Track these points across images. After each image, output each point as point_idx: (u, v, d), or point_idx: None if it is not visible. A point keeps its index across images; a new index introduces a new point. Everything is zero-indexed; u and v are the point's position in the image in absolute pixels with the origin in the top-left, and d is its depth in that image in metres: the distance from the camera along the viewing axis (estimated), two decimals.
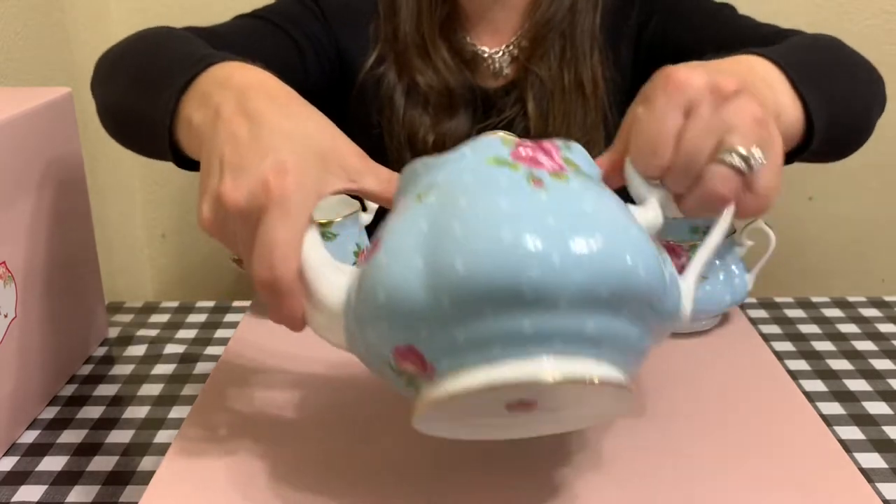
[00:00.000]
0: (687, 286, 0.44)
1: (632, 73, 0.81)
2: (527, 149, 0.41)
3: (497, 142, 0.42)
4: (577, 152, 0.43)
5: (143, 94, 0.54)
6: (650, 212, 0.43)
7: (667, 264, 0.42)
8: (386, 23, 0.82)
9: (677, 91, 0.42)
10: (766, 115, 0.43)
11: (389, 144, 0.81)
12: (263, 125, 0.43)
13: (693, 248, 0.61)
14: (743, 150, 0.41)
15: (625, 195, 0.43)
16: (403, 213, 0.41)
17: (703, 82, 0.42)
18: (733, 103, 0.42)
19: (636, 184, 0.44)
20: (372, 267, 0.40)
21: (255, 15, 0.80)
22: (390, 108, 0.81)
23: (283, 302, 0.42)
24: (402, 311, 0.38)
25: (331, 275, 0.43)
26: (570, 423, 0.47)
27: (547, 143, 0.42)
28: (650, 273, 0.39)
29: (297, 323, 0.44)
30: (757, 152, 0.41)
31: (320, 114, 0.46)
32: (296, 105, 0.46)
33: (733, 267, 0.65)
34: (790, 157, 0.52)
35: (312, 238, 0.43)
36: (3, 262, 0.61)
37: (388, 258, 0.39)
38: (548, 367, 0.37)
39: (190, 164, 0.50)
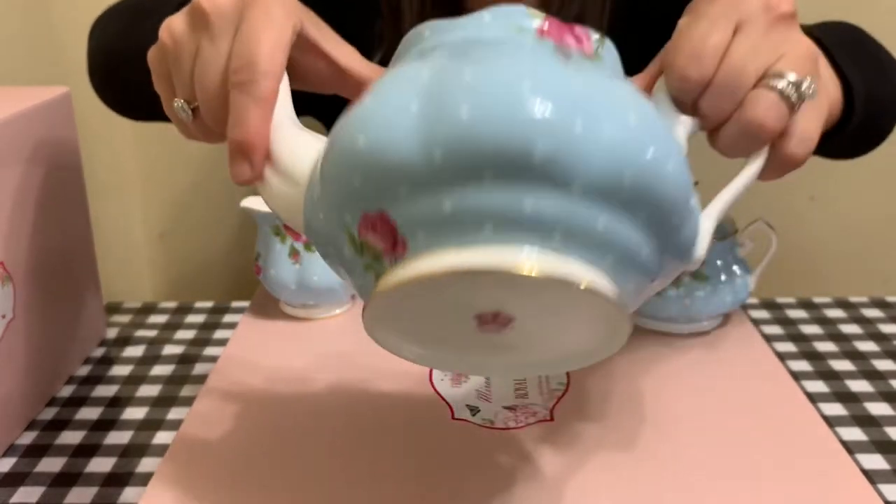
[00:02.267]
0: (705, 227, 0.38)
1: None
2: (555, 25, 0.36)
3: (521, 11, 0.36)
4: (610, 51, 0.38)
5: (138, 28, 0.52)
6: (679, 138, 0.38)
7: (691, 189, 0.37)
8: (390, 25, 0.82)
9: (730, 4, 0.39)
10: (817, 52, 0.40)
11: None
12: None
13: None
14: (794, 77, 0.38)
15: None
16: (400, 67, 0.36)
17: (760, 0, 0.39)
18: (789, 30, 0.39)
19: (665, 109, 0.39)
20: (353, 110, 0.34)
21: None
22: None
23: (251, 116, 0.37)
24: (383, 164, 0.32)
25: (297, 129, 0.38)
26: (546, 363, 0.39)
27: (579, 29, 0.37)
28: (678, 174, 0.33)
29: (254, 149, 0.37)
30: (809, 80, 0.38)
31: None
32: None
33: (735, 267, 0.65)
34: (827, 136, 0.48)
35: (283, 86, 0.38)
36: (2, 263, 0.61)
37: (376, 101, 0.33)
38: (532, 258, 0.31)
39: None
